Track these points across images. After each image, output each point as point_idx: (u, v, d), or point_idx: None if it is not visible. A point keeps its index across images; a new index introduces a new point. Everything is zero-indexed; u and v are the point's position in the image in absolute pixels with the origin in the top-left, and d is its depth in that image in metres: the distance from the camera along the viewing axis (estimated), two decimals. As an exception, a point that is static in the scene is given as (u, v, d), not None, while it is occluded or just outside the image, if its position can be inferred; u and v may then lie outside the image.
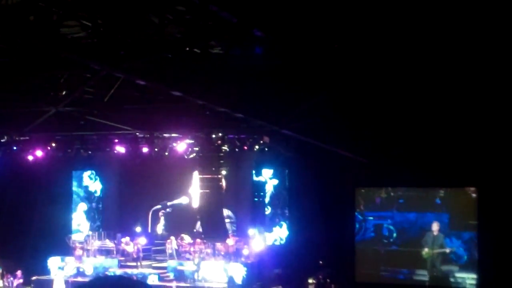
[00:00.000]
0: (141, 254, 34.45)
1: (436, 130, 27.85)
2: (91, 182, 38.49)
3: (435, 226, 31.96)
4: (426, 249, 31.93)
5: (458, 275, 31.45)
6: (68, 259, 34.92)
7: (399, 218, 32.81)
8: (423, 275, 32.11)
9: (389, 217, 33.02)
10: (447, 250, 31.55)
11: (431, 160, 30.02)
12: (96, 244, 35.61)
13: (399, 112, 25.72)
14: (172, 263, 33.70)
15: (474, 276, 30.92)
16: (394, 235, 32.88)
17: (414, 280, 32.23)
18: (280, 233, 35.09)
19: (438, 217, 31.92)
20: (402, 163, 30.57)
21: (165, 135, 31.29)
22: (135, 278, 31.57)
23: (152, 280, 32.59)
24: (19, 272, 33.37)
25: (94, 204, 38.55)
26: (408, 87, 22.37)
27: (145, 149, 31.66)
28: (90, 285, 2.57)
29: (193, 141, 30.91)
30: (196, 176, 32.45)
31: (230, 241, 33.28)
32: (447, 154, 29.63)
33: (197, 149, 30.84)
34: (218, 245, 33.65)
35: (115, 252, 35.32)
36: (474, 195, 31.35)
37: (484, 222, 30.44)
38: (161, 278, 33.07)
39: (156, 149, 31.66)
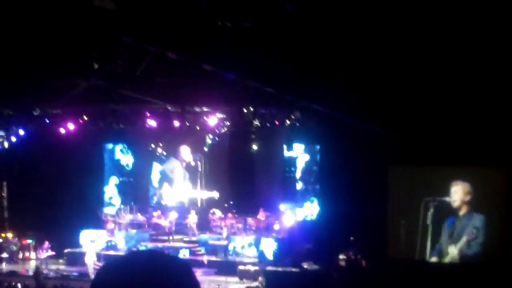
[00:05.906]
0: (172, 228, 34.62)
1: (470, 105, 27.50)
2: (123, 155, 38.58)
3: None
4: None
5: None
6: (100, 232, 35.16)
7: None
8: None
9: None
10: (474, 230, 31.08)
11: (462, 137, 29.69)
12: (127, 217, 35.81)
13: (432, 87, 25.45)
14: (203, 237, 33.83)
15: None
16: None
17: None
18: (311, 209, 34.97)
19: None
20: (434, 140, 30.29)
21: (196, 109, 31.25)
22: (166, 252, 31.66)
23: (183, 254, 32.74)
24: (50, 245, 33.65)
25: (125, 178, 38.63)
26: (440, 62, 22.11)
27: (176, 123, 31.67)
28: (122, 260, 2.52)
29: (224, 116, 30.84)
30: (226, 151, 32.44)
31: (261, 216, 33.32)
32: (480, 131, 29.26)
33: (228, 123, 30.80)
34: (249, 220, 33.71)
35: (146, 226, 35.52)
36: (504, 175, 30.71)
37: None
38: (192, 252, 33.21)
39: (187, 123, 31.66)
